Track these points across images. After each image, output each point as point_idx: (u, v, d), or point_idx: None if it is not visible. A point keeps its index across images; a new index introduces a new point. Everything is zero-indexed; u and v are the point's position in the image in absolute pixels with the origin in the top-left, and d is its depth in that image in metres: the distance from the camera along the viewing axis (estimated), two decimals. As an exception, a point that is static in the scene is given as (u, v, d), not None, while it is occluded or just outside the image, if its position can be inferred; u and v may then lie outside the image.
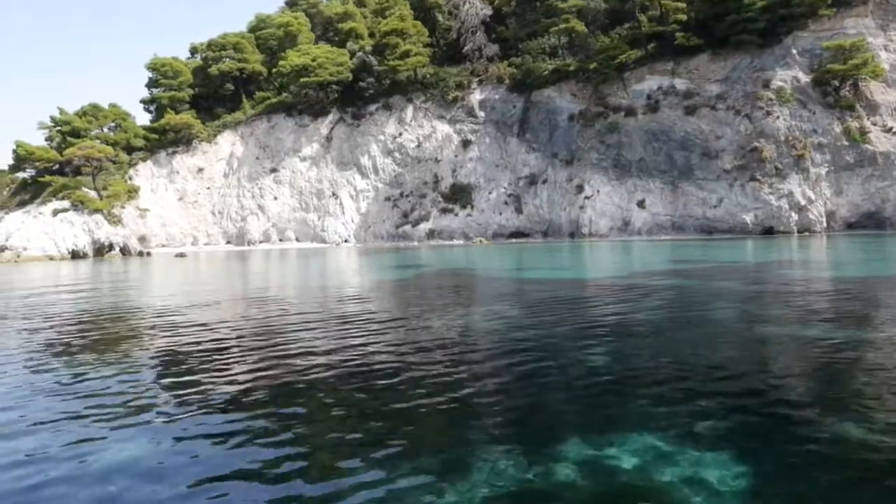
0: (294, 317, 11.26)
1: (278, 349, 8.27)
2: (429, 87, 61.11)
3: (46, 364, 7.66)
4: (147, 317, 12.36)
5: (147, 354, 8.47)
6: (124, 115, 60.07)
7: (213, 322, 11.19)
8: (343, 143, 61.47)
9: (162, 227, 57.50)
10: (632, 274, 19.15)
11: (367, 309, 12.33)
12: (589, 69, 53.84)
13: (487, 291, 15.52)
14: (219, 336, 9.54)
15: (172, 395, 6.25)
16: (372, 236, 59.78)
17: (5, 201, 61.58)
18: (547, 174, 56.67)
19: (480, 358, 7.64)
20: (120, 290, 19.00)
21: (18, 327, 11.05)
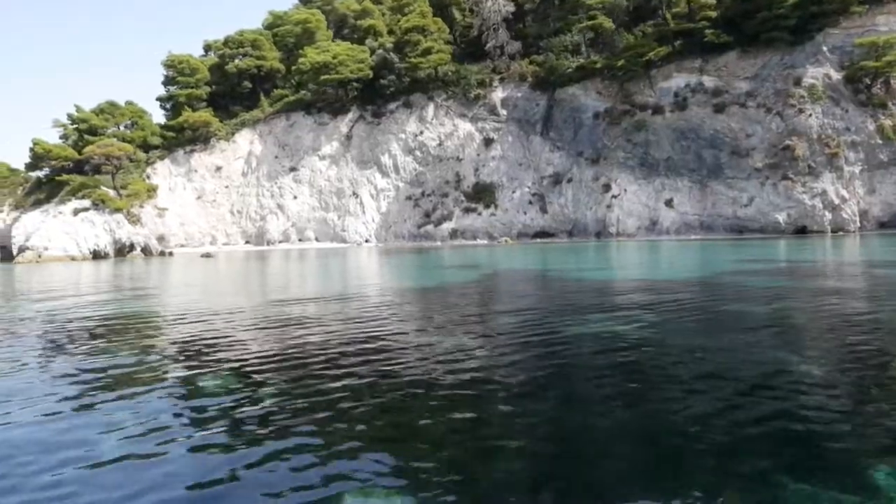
0: (418, 336, 10.35)
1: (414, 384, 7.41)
2: (450, 84, 60.31)
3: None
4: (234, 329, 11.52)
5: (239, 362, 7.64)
6: (141, 112, 59.12)
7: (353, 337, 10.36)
8: (363, 142, 60.62)
9: (180, 227, 56.58)
10: (719, 273, 18.37)
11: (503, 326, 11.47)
12: (616, 67, 53.10)
13: (614, 297, 14.64)
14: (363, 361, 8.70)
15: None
16: (393, 236, 58.95)
17: (19, 200, 60.59)
18: (572, 173, 55.92)
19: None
20: (181, 297, 18.09)
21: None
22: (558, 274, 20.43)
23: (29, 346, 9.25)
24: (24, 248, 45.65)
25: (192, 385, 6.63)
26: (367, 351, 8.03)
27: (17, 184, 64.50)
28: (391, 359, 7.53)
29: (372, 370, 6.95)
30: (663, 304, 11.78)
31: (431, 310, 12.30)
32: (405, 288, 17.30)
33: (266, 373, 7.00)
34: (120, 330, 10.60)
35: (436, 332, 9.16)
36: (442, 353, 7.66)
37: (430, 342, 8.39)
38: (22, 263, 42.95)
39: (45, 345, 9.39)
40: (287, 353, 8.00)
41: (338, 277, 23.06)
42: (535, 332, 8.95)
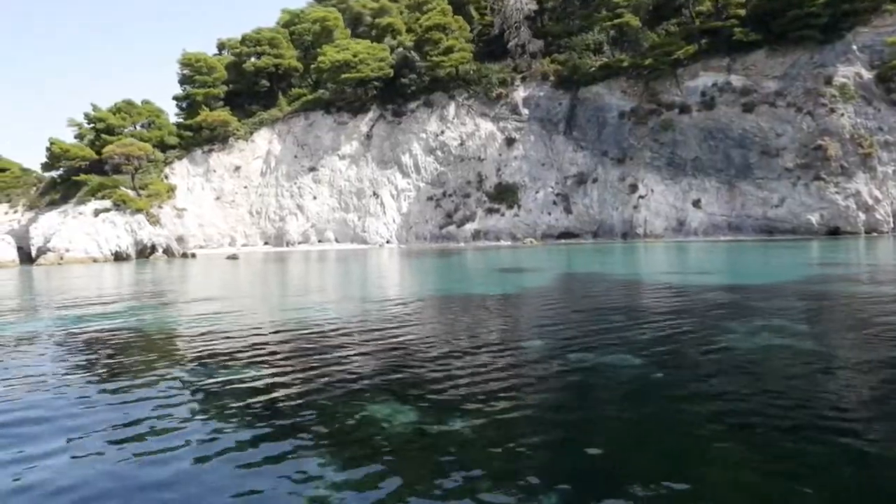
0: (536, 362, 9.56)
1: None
2: (471, 83, 59.56)
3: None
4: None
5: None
6: (158, 111, 58.19)
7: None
8: (384, 142, 59.83)
9: (199, 228, 55.69)
10: (811, 279, 17.62)
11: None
12: (643, 65, 52.44)
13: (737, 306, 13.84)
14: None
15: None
16: (413, 237, 58.17)
17: (33, 200, 59.65)
18: (597, 173, 55.22)
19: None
20: (231, 305, 17.24)
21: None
22: (633, 278, 19.62)
23: (81, 365, 8.45)
24: (44, 250, 44.71)
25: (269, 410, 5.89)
26: (509, 368, 7.26)
27: (30, 184, 63.59)
28: (563, 383, 6.76)
29: (523, 388, 6.19)
30: (795, 309, 11.07)
31: (555, 322, 11.50)
32: (491, 295, 16.49)
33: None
34: (174, 343, 9.80)
35: (580, 349, 8.38)
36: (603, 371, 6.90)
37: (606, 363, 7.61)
38: (44, 265, 42.03)
39: (104, 363, 8.60)
40: (393, 373, 7.22)
41: (387, 281, 22.26)
42: (709, 344, 8.17)
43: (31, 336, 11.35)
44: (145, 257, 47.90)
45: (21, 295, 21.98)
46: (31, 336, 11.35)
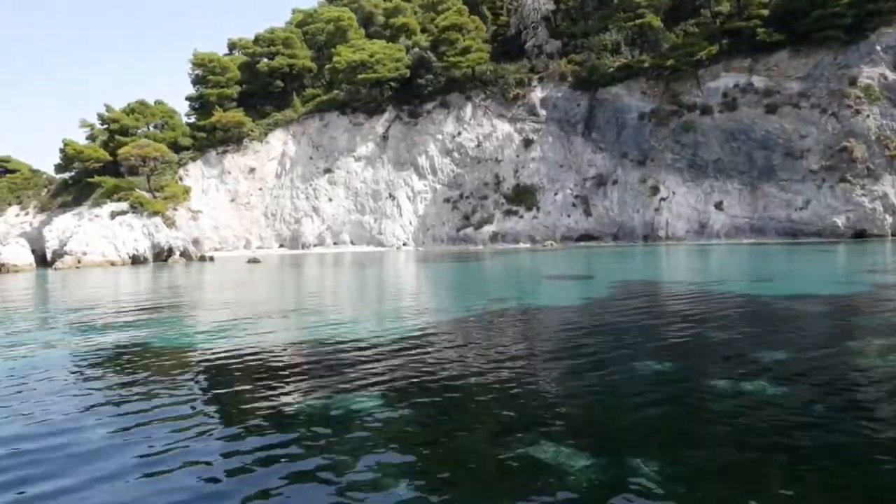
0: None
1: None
2: (488, 84, 58.96)
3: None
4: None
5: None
6: (171, 112, 57.51)
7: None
8: (399, 143, 59.20)
9: (214, 230, 55.00)
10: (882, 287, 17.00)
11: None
12: (665, 66, 51.88)
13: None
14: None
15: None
16: (430, 239, 57.56)
17: (45, 202, 58.97)
18: (616, 175, 54.66)
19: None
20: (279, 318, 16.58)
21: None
22: (703, 287, 18.90)
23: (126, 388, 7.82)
24: (61, 253, 44.01)
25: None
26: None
27: (41, 185, 62.95)
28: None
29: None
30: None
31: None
32: (567, 307, 15.82)
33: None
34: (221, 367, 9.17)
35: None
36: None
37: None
38: (62, 269, 41.33)
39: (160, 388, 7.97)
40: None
41: (433, 289, 21.62)
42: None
43: (56, 348, 10.78)
44: (162, 260, 47.24)
45: (44, 302, 21.33)
46: (55, 348, 10.78)
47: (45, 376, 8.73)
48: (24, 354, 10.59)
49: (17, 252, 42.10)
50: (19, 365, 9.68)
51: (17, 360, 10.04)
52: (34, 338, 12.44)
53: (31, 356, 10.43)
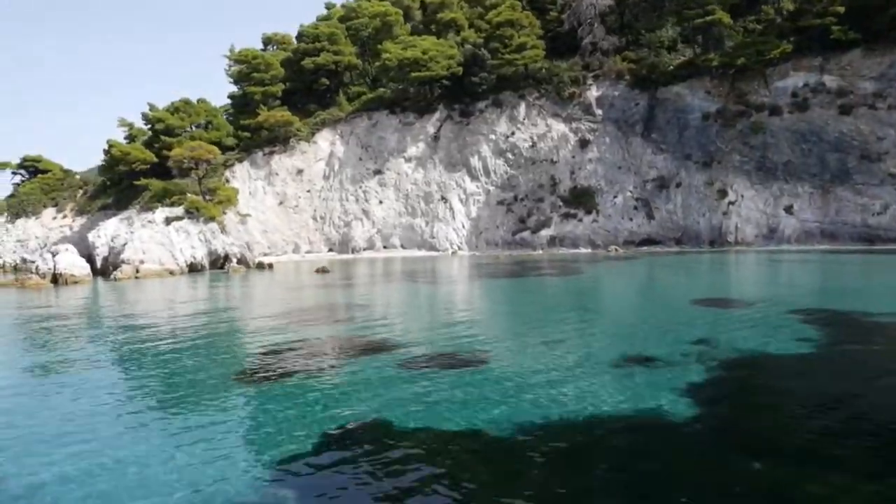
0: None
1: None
2: (542, 82, 57.07)
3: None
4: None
5: None
6: (214, 111, 55.33)
7: None
8: (451, 143, 57.29)
9: (263, 234, 53.04)
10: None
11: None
12: (734, 65, 50.06)
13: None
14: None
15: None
16: (484, 243, 55.77)
17: (83, 205, 56.85)
18: (679, 177, 52.95)
19: None
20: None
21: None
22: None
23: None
24: (115, 262, 41.97)
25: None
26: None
27: (74, 186, 60.85)
28: None
29: None
30: None
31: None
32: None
33: None
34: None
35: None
36: None
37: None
38: (122, 280, 39.32)
39: None
40: None
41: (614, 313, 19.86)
42: None
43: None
44: (219, 268, 45.28)
45: (139, 331, 19.40)
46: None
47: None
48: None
49: (74, 261, 39.97)
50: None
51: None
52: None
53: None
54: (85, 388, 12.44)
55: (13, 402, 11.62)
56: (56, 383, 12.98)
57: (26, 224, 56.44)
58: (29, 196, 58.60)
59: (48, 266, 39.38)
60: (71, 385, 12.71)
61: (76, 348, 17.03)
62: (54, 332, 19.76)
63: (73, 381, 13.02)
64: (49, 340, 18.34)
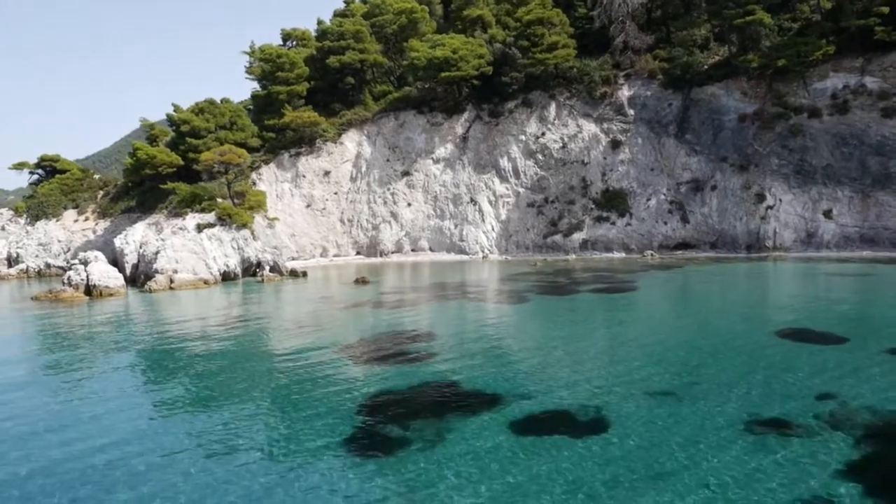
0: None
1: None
2: (572, 81, 55.91)
3: None
4: None
5: None
6: (239, 111, 54.02)
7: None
8: (480, 144, 56.22)
9: (291, 238, 52.06)
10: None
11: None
12: (775, 66, 48.96)
13: None
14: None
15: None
16: (514, 246, 54.89)
17: (105, 207, 55.73)
18: (715, 180, 52.03)
19: None
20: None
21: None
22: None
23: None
24: (148, 272, 41.00)
25: None
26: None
27: (94, 187, 59.68)
28: None
29: None
30: None
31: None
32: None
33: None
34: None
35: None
36: None
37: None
38: (157, 292, 38.37)
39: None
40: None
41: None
42: None
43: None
44: (251, 275, 44.36)
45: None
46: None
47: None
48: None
49: (107, 272, 38.98)
50: None
51: None
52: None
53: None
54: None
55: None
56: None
57: (47, 226, 55.29)
58: (48, 197, 57.42)
59: (81, 277, 38.42)
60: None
61: (156, 390, 15.97)
62: (126, 371, 18.75)
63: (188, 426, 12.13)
64: (126, 381, 17.32)
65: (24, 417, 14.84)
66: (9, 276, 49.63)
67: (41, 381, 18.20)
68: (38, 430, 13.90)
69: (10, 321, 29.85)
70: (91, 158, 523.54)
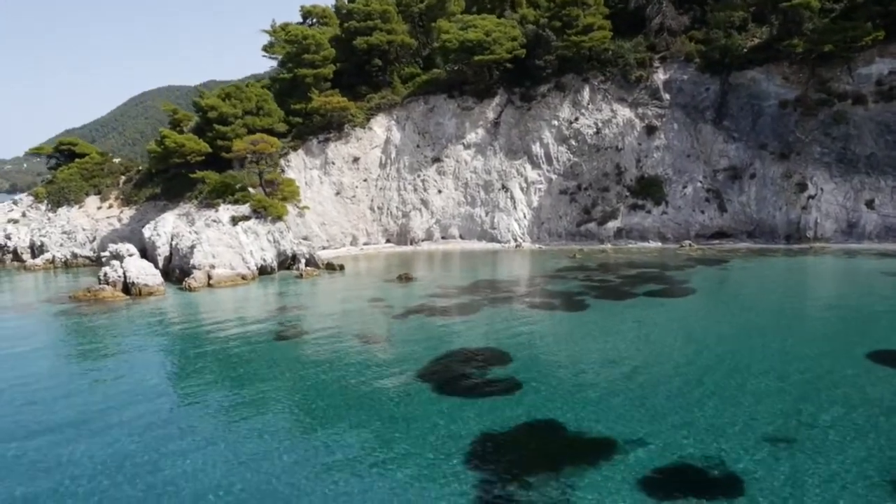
0: None
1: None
2: (606, 64, 54.37)
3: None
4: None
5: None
6: (265, 95, 52.40)
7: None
8: (511, 129, 54.92)
9: (322, 227, 51.11)
10: None
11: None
12: (821, 51, 47.51)
13: None
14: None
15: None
16: (546, 234, 54.03)
17: (129, 194, 54.59)
18: (754, 168, 50.99)
19: None
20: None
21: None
22: None
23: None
24: (184, 267, 40.16)
25: None
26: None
27: (115, 172, 58.45)
28: None
29: None
30: None
31: None
32: None
33: None
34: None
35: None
36: None
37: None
38: (197, 290, 37.57)
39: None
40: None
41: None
42: None
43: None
44: (286, 268, 43.54)
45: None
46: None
47: None
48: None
49: (144, 268, 38.07)
50: None
51: None
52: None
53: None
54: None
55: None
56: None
57: (69, 213, 54.16)
58: (69, 182, 56.17)
59: (118, 274, 37.57)
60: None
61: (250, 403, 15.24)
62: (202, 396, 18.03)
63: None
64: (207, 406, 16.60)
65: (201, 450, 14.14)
66: (35, 266, 48.70)
67: (173, 404, 17.46)
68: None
69: (64, 329, 29.06)
70: (87, 127, 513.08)
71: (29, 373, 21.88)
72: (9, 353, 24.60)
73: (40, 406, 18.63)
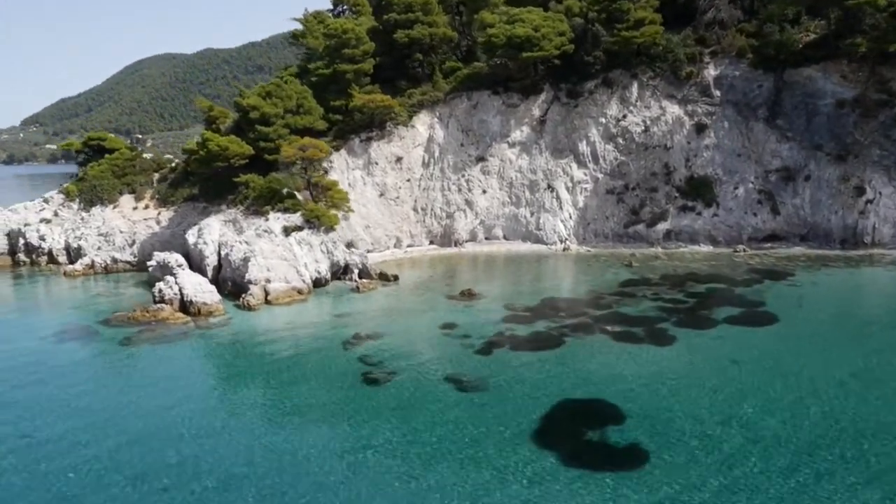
0: None
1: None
2: (656, 59, 52.67)
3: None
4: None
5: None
6: (305, 93, 50.65)
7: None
8: (557, 127, 53.45)
9: (366, 230, 49.94)
10: None
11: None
12: (887, 50, 45.96)
13: None
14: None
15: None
16: (592, 235, 52.99)
17: (165, 194, 53.18)
18: (808, 169, 49.82)
19: None
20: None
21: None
22: None
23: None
24: (238, 281, 39.13)
25: None
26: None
27: (147, 169, 57.00)
28: None
29: None
30: None
31: None
32: None
33: None
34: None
35: None
36: None
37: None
38: (256, 308, 36.57)
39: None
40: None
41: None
42: None
43: None
44: (338, 279, 42.57)
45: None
46: None
47: None
48: None
49: (200, 284, 37.12)
50: None
51: None
52: None
53: None
54: None
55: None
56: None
57: (104, 213, 52.82)
58: (100, 180, 54.69)
59: (174, 291, 36.64)
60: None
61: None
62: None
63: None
64: None
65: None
66: (75, 272, 47.52)
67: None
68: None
69: (144, 367, 27.91)
70: (83, 96, 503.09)
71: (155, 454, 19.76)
72: (107, 413, 23.33)
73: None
